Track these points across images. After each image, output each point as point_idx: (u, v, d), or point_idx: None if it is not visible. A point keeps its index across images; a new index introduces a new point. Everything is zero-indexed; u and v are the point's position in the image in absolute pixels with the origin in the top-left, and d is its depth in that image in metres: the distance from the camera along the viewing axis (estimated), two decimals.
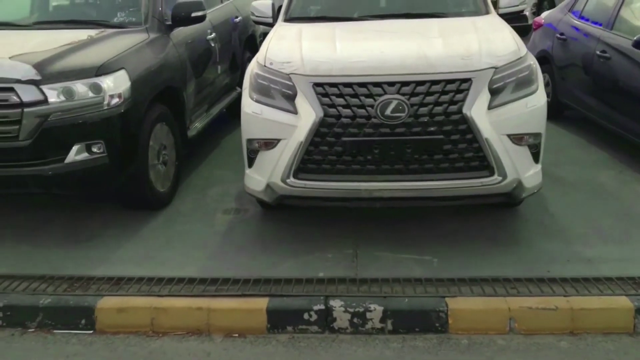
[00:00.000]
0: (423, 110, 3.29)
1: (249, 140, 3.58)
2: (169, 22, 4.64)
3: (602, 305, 3.08)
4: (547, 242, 3.69)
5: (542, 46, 6.29)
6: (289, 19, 4.38)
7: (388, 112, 3.26)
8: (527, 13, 9.28)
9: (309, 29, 4.08)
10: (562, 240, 3.71)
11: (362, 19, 4.24)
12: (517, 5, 4.36)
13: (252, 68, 3.70)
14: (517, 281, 3.28)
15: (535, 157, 3.50)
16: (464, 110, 3.28)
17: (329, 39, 3.74)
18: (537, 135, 3.44)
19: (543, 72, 6.16)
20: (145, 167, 4.05)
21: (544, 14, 6.49)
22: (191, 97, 4.90)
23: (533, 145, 3.46)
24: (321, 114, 3.31)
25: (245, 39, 6.27)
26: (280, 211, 4.19)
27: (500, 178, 3.36)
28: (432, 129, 3.30)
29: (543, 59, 6.22)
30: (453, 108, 3.29)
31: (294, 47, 3.65)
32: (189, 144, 4.89)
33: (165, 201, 4.36)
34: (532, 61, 3.53)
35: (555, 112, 6.10)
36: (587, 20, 5.51)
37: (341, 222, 4.01)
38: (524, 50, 3.56)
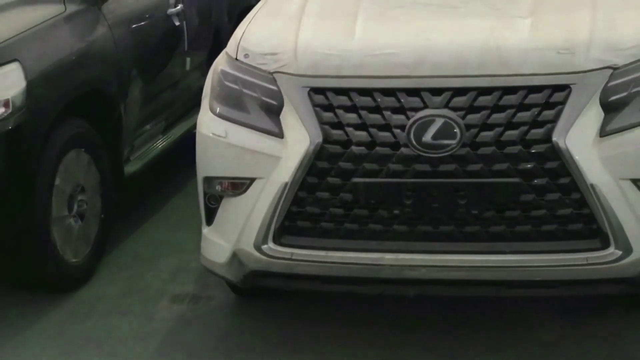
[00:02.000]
0: (487, 135, 3.47)
1: (207, 180, 3.84)
2: None
3: None
4: None
5: None
6: None
7: (428, 137, 3.47)
8: None
9: None
10: None
11: None
12: None
13: (217, 64, 4.02)
14: None
15: None
16: (555, 138, 3.45)
17: (347, 16, 4.00)
18: None
19: None
20: (44, 222, 4.36)
21: None
22: (134, 108, 5.27)
23: None
24: (319, 139, 3.55)
25: (239, 13, 6.69)
26: (265, 300, 4.42)
27: (619, 252, 3.48)
28: (501, 167, 3.46)
29: None
30: (537, 133, 3.46)
31: (287, 29, 3.92)
32: (128, 186, 5.25)
33: (79, 278, 4.68)
34: None
35: None
36: None
37: (368, 319, 4.22)
38: None
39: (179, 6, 5.82)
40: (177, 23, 5.82)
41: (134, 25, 5.35)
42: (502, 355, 3.94)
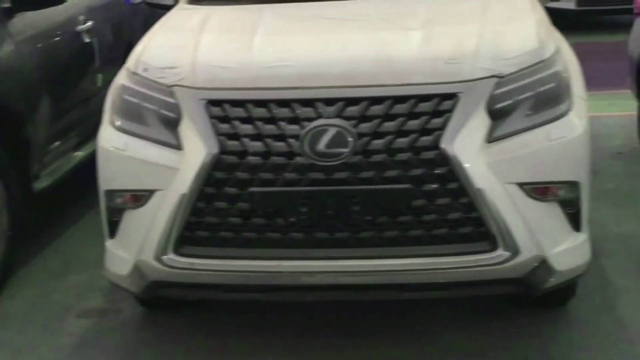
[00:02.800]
0: (378, 143, 3.56)
1: (109, 193, 3.89)
2: (7, 4, 5.09)
3: None
4: None
5: None
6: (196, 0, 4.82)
7: (321, 146, 3.56)
8: None
9: (221, 15, 4.48)
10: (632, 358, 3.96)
11: (313, 0, 4.65)
12: None
13: (118, 78, 4.07)
14: None
15: (574, 221, 3.76)
16: (443, 145, 3.56)
17: (246, 31, 4.11)
18: (572, 186, 3.72)
19: None
20: None
21: None
22: (43, 125, 5.29)
23: (568, 201, 3.72)
24: (215, 150, 3.62)
25: None
26: (172, 312, 4.48)
27: (507, 254, 3.61)
28: (392, 173, 3.56)
29: None
30: (426, 140, 3.57)
31: (186, 44, 4.01)
32: (38, 202, 5.25)
33: None
34: (561, 67, 3.84)
35: None
36: None
37: (277, 327, 4.30)
38: (551, 48, 3.87)
39: (89, 23, 5.86)
40: (87, 40, 5.85)
41: (42, 43, 5.38)
42: (404, 354, 4.06)
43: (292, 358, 4.07)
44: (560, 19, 8.21)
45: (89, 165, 5.68)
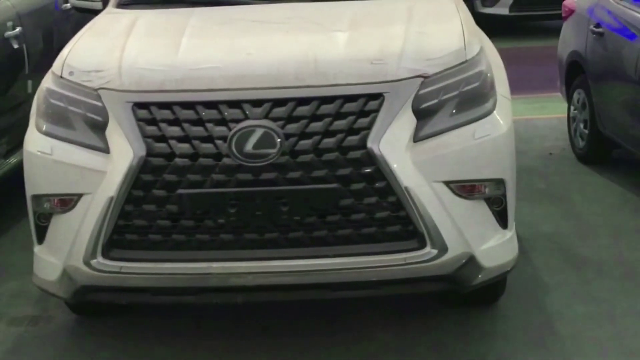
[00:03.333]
0: (305, 144, 3.59)
1: (36, 198, 3.85)
2: None
3: None
4: (530, 356, 4.00)
5: (573, 45, 6.82)
6: (125, 3, 4.79)
7: (249, 147, 3.56)
8: None
9: (149, 18, 4.46)
10: (560, 354, 4.02)
11: (241, 2, 4.66)
12: None
13: (43, 83, 4.04)
14: None
15: (501, 218, 3.82)
16: (370, 144, 3.59)
17: (173, 34, 4.10)
18: (498, 183, 3.77)
19: (576, 87, 6.69)
20: None
21: None
22: None
23: (494, 199, 3.79)
24: (142, 152, 3.61)
25: None
26: (105, 318, 4.45)
27: (435, 251, 3.66)
28: (319, 173, 3.59)
29: (575, 65, 6.73)
30: (353, 140, 3.60)
31: (113, 48, 3.99)
32: None
33: None
34: (485, 67, 3.90)
35: (596, 152, 6.55)
36: None
37: (212, 330, 4.30)
38: (475, 48, 3.93)
39: (18, 29, 5.79)
40: (15, 46, 5.79)
41: None
42: (341, 353, 4.11)
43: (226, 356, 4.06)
44: (493, 24, 8.42)
45: (20, 173, 5.66)
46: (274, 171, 3.59)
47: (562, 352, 4.05)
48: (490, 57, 4.11)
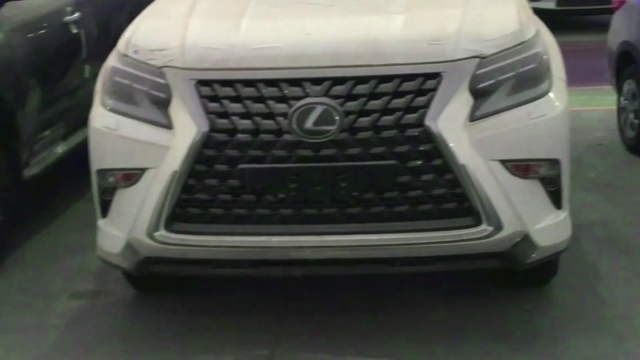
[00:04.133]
0: (363, 121, 3.67)
1: (100, 173, 3.97)
2: None
3: None
4: (583, 339, 4.05)
5: (624, 35, 6.83)
6: None
7: (309, 124, 3.65)
8: None
9: (209, 0, 4.57)
10: (611, 335, 4.08)
11: None
12: None
13: (108, 61, 4.16)
14: None
15: (555, 199, 3.87)
16: (427, 122, 3.66)
17: (234, 15, 4.18)
18: (553, 164, 3.83)
19: (627, 77, 6.70)
20: None
21: None
22: (32, 114, 5.36)
23: (549, 179, 3.84)
24: (205, 128, 3.70)
25: None
26: (163, 293, 4.56)
27: (490, 229, 3.72)
28: (378, 150, 3.66)
29: (625, 55, 6.75)
30: (410, 118, 3.68)
31: (176, 27, 4.09)
32: (29, 190, 5.32)
33: None
34: (542, 49, 3.95)
35: None
36: None
37: (262, 306, 4.40)
38: (530, 31, 3.99)
39: (76, 14, 5.92)
40: (74, 31, 5.92)
41: (31, 32, 5.45)
42: (392, 329, 4.16)
43: (280, 336, 4.15)
44: (540, 19, 8.41)
45: (77, 155, 5.80)
46: (333, 147, 3.67)
47: (613, 335, 4.07)
48: (546, 40, 4.16)
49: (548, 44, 4.14)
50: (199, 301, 4.54)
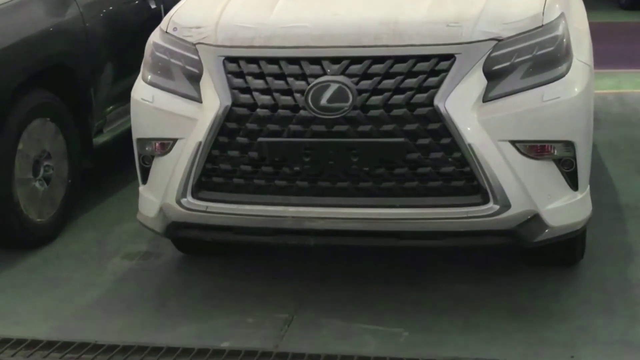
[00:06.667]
0: (375, 99, 3.79)
1: (140, 142, 4.24)
2: None
3: None
4: (598, 317, 4.08)
5: None
6: None
7: (324, 101, 3.80)
8: None
9: None
10: (626, 317, 4.09)
11: None
12: None
13: (151, 37, 4.40)
14: None
15: (572, 180, 3.91)
16: (436, 102, 3.76)
17: None
18: (567, 145, 3.87)
19: None
20: (5, 182, 4.78)
21: None
22: (105, 85, 5.67)
23: (564, 160, 3.88)
24: (228, 102, 3.90)
25: None
26: (210, 257, 4.81)
27: (497, 207, 3.80)
28: (388, 127, 3.79)
29: None
30: (420, 97, 3.78)
31: (214, 7, 4.28)
32: (100, 156, 5.64)
33: (44, 236, 5.08)
34: (562, 31, 3.96)
35: None
36: None
37: (287, 273, 4.60)
38: (554, 13, 4.01)
39: None
40: (153, 6, 6.17)
41: (107, 7, 5.74)
42: (417, 297, 4.29)
43: (305, 303, 4.33)
44: None
45: None
46: (346, 124, 3.81)
47: (629, 317, 4.09)
48: (574, 23, 4.16)
49: (575, 27, 4.15)
50: (237, 266, 4.76)
